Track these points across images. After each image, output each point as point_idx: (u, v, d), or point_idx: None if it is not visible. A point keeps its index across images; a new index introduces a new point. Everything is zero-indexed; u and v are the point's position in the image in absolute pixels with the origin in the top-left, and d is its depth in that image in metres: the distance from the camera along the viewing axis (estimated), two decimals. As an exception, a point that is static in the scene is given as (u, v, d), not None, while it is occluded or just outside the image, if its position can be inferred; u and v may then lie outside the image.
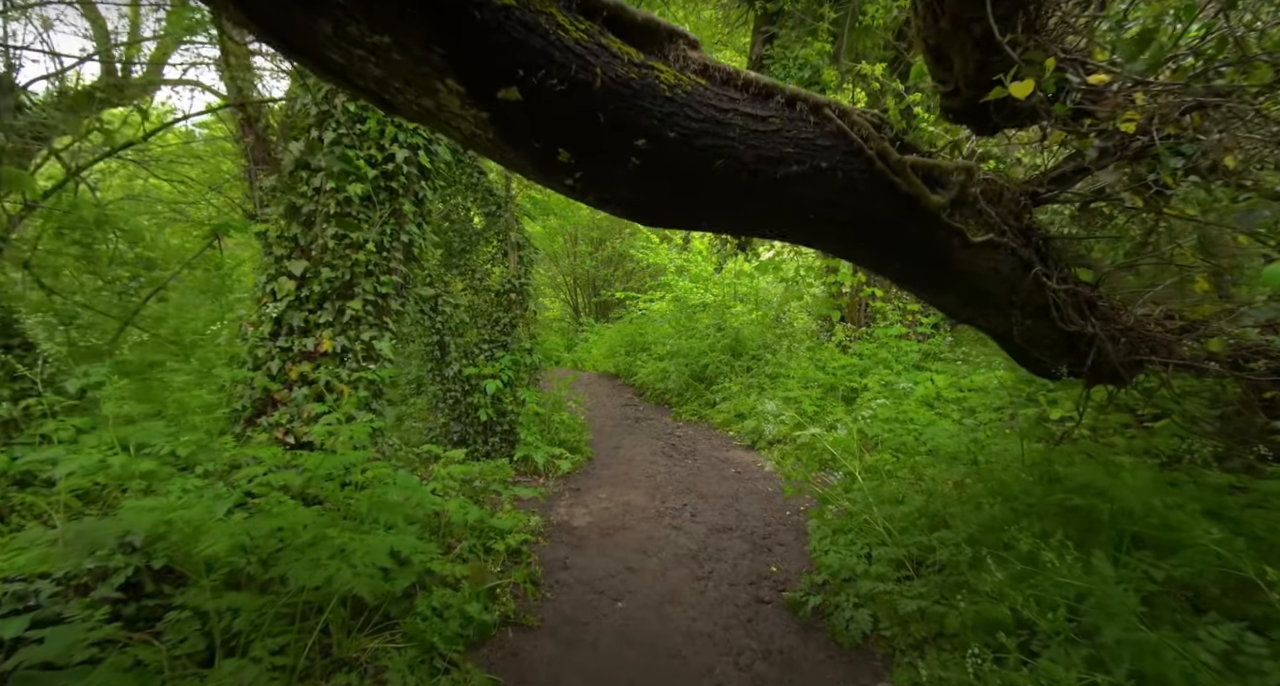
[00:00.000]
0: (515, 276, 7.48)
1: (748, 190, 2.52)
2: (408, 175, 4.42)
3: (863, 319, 9.81)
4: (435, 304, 6.98)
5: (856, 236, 3.00)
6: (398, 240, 4.42)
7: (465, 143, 2.18)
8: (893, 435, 6.08)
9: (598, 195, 2.38)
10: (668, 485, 7.43)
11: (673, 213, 2.61)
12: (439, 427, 7.45)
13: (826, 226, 2.87)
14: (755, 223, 2.80)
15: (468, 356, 7.43)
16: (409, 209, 4.44)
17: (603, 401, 11.75)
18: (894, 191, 2.81)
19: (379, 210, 4.30)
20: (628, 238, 18.50)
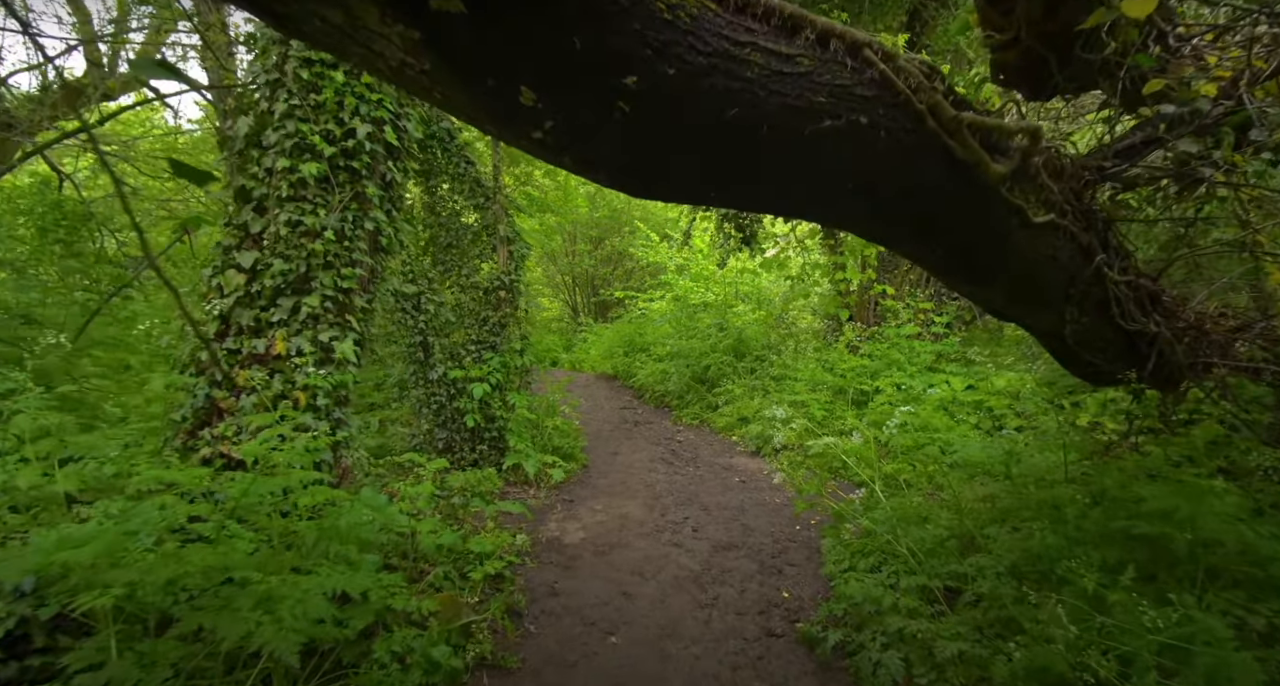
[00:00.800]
0: (505, 273, 6.92)
1: (769, 151, 1.95)
2: (371, 154, 3.85)
3: (872, 318, 9.25)
4: (418, 302, 6.42)
5: (897, 214, 2.43)
6: (361, 228, 3.85)
7: (393, 77, 1.61)
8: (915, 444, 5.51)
9: (576, 154, 1.81)
10: (668, 495, 6.86)
11: (672, 179, 2.04)
12: (423, 434, 6.88)
13: (863, 202, 2.30)
14: (777, 195, 2.23)
15: (453, 358, 6.86)
16: (373, 192, 3.87)
17: (600, 404, 11.18)
18: (946, 157, 2.24)
19: (338, 194, 3.74)
20: (626, 236, 17.94)
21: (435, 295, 6.56)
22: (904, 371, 7.91)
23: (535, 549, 5.29)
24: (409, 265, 6.38)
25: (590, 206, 18.02)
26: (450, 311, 6.70)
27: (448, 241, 7.10)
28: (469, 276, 6.98)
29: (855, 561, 4.41)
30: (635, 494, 6.91)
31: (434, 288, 6.61)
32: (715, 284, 12.59)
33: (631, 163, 1.84)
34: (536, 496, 6.63)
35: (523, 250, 7.04)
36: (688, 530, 5.91)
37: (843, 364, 8.39)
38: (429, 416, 6.81)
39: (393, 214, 4.21)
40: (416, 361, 6.61)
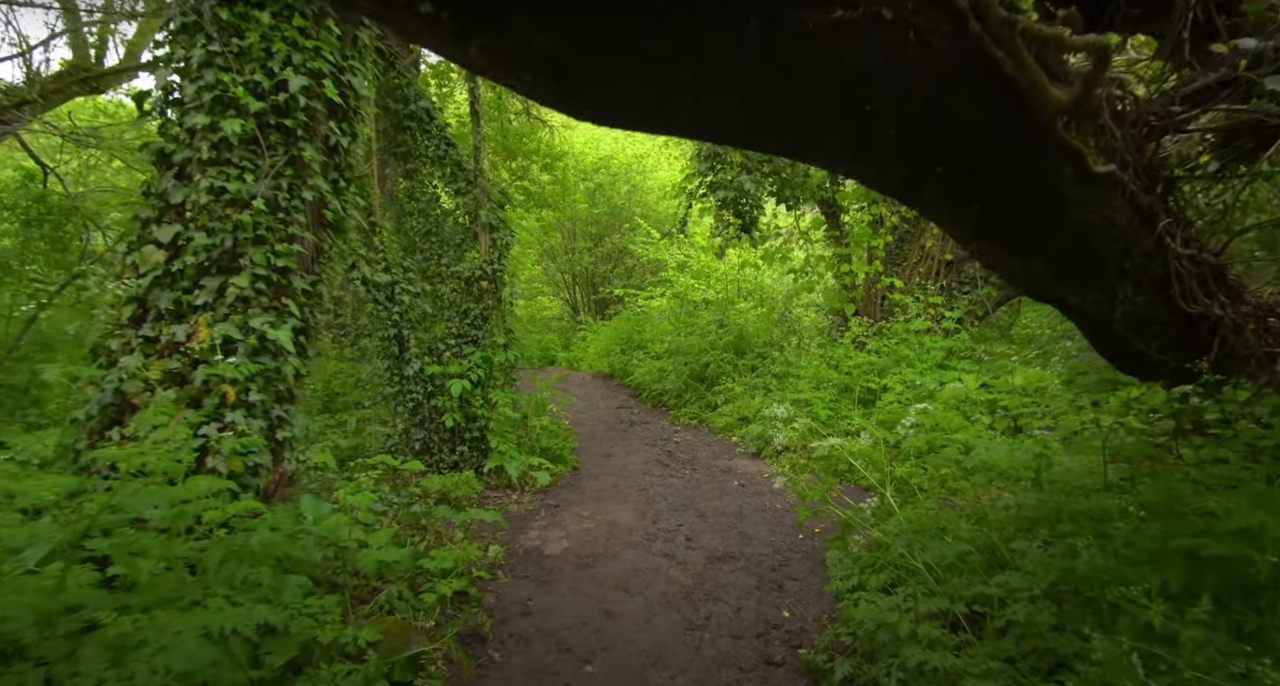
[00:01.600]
0: (487, 262, 6.40)
1: (757, 47, 1.41)
2: (308, 111, 3.32)
3: (879, 313, 8.69)
4: (391, 292, 5.90)
5: (925, 152, 1.88)
6: (299, 198, 3.33)
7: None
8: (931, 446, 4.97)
9: (484, 43, 1.28)
10: (661, 500, 6.32)
11: (617, 83, 1.49)
12: (398, 435, 6.36)
13: (882, 132, 1.76)
14: (766, 117, 1.69)
15: (432, 353, 6.34)
16: (312, 157, 3.34)
17: (595, 403, 10.65)
18: (992, 74, 1.70)
19: (269, 157, 3.22)
20: (627, 233, 17.40)
21: (411, 285, 6.04)
22: (914, 368, 7.35)
23: (511, 561, 4.75)
24: (382, 252, 5.86)
25: (590, 203, 17.51)
26: (428, 303, 6.18)
27: (426, 228, 6.58)
28: (449, 266, 6.46)
29: (865, 577, 3.86)
30: (626, 498, 6.37)
31: (410, 277, 6.09)
32: (716, 281, 12.06)
33: (563, 54, 1.30)
34: (519, 501, 6.10)
35: (507, 238, 6.52)
36: (681, 539, 5.37)
37: (848, 361, 7.83)
38: (405, 415, 6.29)
39: (340, 185, 3.68)
40: (391, 356, 6.09)
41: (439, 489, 5.58)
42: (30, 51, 11.65)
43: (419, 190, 6.55)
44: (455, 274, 6.38)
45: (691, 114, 1.68)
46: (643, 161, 18.01)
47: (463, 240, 6.58)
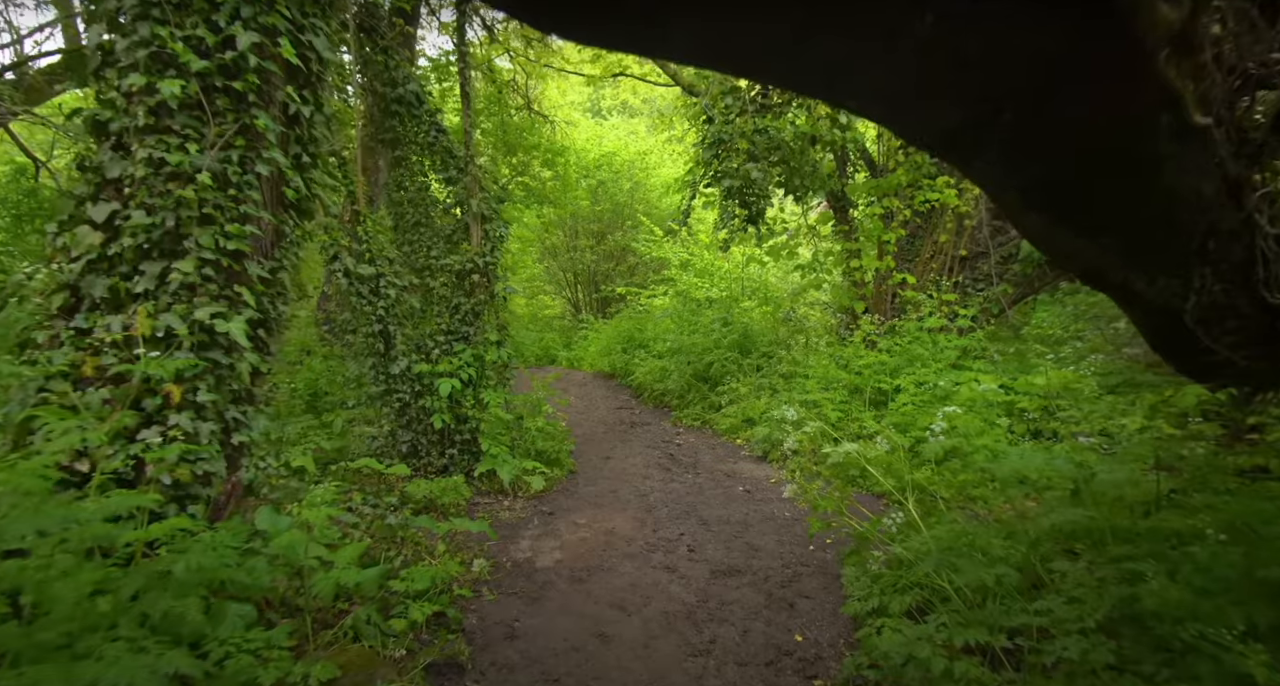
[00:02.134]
0: (479, 254, 6.00)
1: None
2: (261, 73, 2.91)
3: (890, 311, 8.27)
4: (376, 285, 5.50)
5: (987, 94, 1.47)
6: (252, 173, 2.93)
7: None
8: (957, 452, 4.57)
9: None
10: (662, 507, 5.92)
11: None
12: (384, 437, 5.96)
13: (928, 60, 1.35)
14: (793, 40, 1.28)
15: (420, 350, 5.94)
16: (266, 126, 2.93)
17: (595, 404, 10.25)
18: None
19: (216, 125, 2.83)
20: (629, 231, 16.99)
21: (398, 278, 5.65)
22: (928, 368, 6.93)
23: (498, 575, 4.34)
24: (366, 243, 5.47)
25: (592, 200, 17.11)
26: (416, 297, 5.79)
27: (415, 219, 6.19)
28: (438, 258, 6.06)
29: (886, 599, 3.44)
30: (626, 505, 5.97)
31: (396, 270, 5.70)
32: (720, 279, 11.66)
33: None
34: (511, 508, 5.70)
35: (500, 229, 6.12)
36: (683, 550, 4.97)
37: (859, 360, 7.42)
38: (391, 416, 5.90)
39: (304, 161, 3.28)
40: (376, 353, 5.70)
41: (424, 495, 5.19)
42: (21, 41, 11.32)
43: (407, 179, 6.16)
44: (445, 267, 5.98)
45: (700, 37, 1.27)
46: (645, 158, 17.61)
47: (453, 232, 6.18)
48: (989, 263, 8.25)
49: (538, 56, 14.55)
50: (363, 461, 5.15)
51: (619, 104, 29.24)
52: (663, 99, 19.10)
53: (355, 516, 3.76)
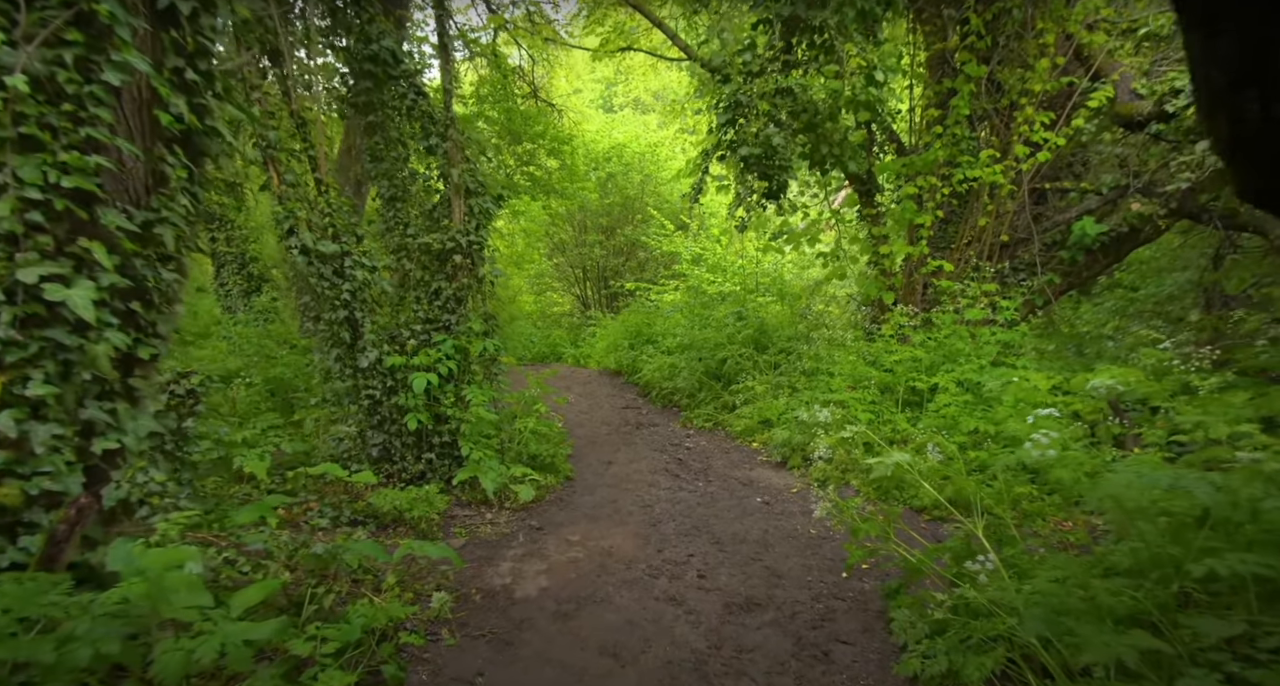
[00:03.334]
0: (462, 232, 5.18)
1: None
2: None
3: (921, 302, 7.37)
4: (340, 266, 4.70)
5: None
6: (99, 82, 2.13)
7: None
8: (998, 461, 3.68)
9: None
10: (668, 520, 5.07)
11: None
12: (352, 438, 5.15)
13: None
14: None
15: (394, 341, 5.13)
16: (112, 14, 2.10)
17: (599, 403, 9.40)
18: None
19: (35, 9, 2.01)
20: (639, 225, 16.15)
21: (366, 258, 4.84)
22: (970, 365, 6.02)
23: (464, 611, 3.50)
24: (329, 216, 4.66)
25: (601, 194, 16.28)
26: (388, 280, 4.98)
27: (391, 193, 5.38)
28: (414, 237, 5.25)
29: (958, 660, 2.57)
30: (627, 518, 5.12)
31: (365, 248, 4.88)
32: (733, 275, 10.79)
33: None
34: (494, 522, 4.86)
35: (487, 205, 5.30)
36: (692, 575, 4.12)
37: (889, 356, 6.53)
38: (360, 415, 5.09)
39: (188, 76, 2.45)
40: (341, 344, 4.89)
41: (392, 506, 4.37)
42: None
43: (383, 148, 5.35)
44: (423, 247, 5.17)
45: None
46: (656, 151, 16.75)
47: (434, 207, 5.36)
48: (1032, 249, 7.33)
49: (545, 41, 13.76)
50: (323, 467, 4.37)
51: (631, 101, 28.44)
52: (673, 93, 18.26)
53: (275, 543, 2.93)
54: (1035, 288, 7.11)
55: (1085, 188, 6.98)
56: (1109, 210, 7.24)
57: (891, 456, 3.22)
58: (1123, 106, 6.27)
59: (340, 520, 4.39)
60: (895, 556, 3.31)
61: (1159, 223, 6.24)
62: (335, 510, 4.43)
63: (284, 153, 4.45)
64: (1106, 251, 7.04)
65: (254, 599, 2.39)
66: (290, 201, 4.47)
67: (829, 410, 3.65)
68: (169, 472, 3.72)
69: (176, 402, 3.70)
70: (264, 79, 4.35)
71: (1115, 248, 7.14)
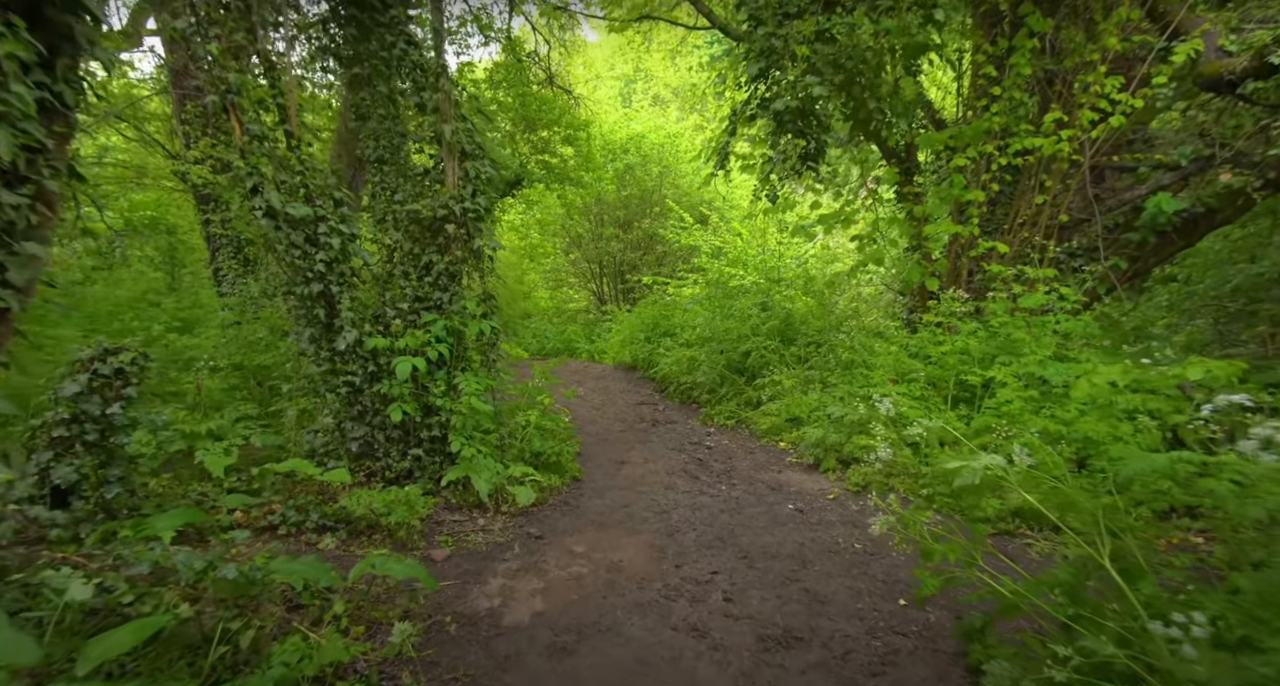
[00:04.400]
0: (456, 199, 4.48)
1: None
2: None
3: (966, 289, 6.54)
4: (314, 233, 4.02)
5: None
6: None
7: None
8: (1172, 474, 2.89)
9: None
10: (688, 529, 4.33)
11: None
12: (328, 431, 4.46)
13: None
14: None
15: (378, 321, 4.44)
16: None
17: (613, 398, 8.67)
18: None
19: None
20: (657, 217, 15.41)
21: (345, 225, 4.15)
22: (1028, 358, 5.20)
23: (434, 644, 2.78)
24: (301, 174, 3.98)
25: (618, 186, 15.57)
26: (369, 251, 4.29)
27: (378, 155, 4.69)
28: (402, 204, 4.56)
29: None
30: (640, 525, 4.39)
31: (345, 214, 4.20)
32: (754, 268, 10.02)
33: None
34: (487, 529, 4.14)
35: (485, 170, 4.59)
36: (717, 598, 3.38)
37: (936, 347, 5.72)
38: (337, 405, 4.40)
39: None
40: (315, 323, 4.21)
41: (365, 510, 3.67)
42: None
43: (370, 105, 4.67)
44: (412, 214, 4.47)
45: None
46: (676, 142, 16.00)
47: (426, 171, 4.67)
48: (1091, 230, 6.48)
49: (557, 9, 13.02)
50: (291, 463, 3.68)
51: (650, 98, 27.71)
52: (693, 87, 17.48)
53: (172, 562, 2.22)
54: (1099, 274, 6.26)
55: (1160, 160, 6.11)
56: (1180, 186, 6.38)
57: (979, 459, 2.45)
58: (1208, 65, 5.42)
59: (306, 525, 3.69)
60: (975, 582, 2.54)
61: (1253, 195, 5.37)
62: (301, 514, 3.74)
63: (247, 99, 3.78)
64: (1181, 233, 6.17)
65: (121, 645, 1.69)
66: (254, 156, 3.79)
67: (889, 401, 2.87)
68: (92, 468, 3.04)
69: (101, 384, 3.03)
70: (223, 10, 3.67)
71: (1189, 229, 6.27)
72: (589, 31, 22.68)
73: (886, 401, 2.79)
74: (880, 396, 3.31)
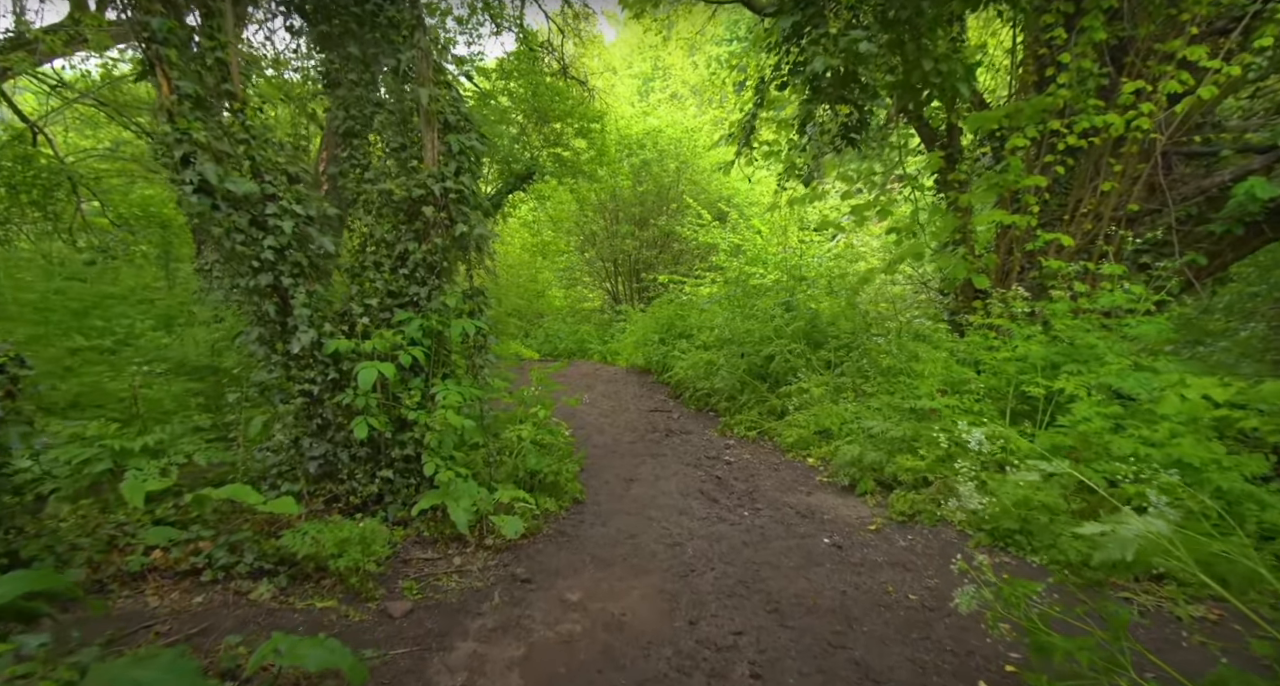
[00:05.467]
0: (436, 177, 3.74)
1: None
2: None
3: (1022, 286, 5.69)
4: (261, 214, 3.30)
5: None
6: None
7: None
8: None
9: None
10: (705, 569, 3.56)
11: None
12: (283, 448, 3.73)
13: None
14: None
15: (343, 319, 3.72)
16: None
17: (624, 404, 7.90)
18: None
19: None
20: (674, 214, 14.61)
21: (300, 205, 3.43)
22: (1111, 366, 4.34)
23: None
24: (246, 143, 3.27)
25: (634, 181, 14.80)
26: (329, 236, 3.57)
27: (348, 126, 3.97)
28: (374, 181, 3.83)
29: None
30: (649, 562, 3.62)
31: (302, 193, 3.47)
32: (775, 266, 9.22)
33: None
34: (465, 569, 3.39)
35: (472, 144, 3.84)
36: (741, 674, 2.61)
37: (989, 354, 4.89)
38: (292, 419, 3.67)
39: None
40: (265, 321, 3.49)
41: (309, 551, 2.94)
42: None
43: (339, 68, 3.94)
44: (385, 195, 3.74)
45: None
46: (694, 137, 15.18)
47: (403, 145, 3.93)
48: (1163, 221, 5.59)
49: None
50: (229, 489, 2.98)
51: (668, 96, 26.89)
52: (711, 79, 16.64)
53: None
54: (1172, 270, 5.37)
55: (1252, 141, 5.21)
56: (1267, 171, 5.47)
57: (1128, 521, 1.65)
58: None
59: (237, 569, 2.97)
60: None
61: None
62: (234, 553, 3.02)
63: (175, 51, 3.06)
64: (1272, 223, 5.27)
65: None
66: (185, 120, 3.07)
67: (981, 433, 2.07)
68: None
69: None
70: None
71: (1277, 220, 5.36)
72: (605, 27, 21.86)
73: (978, 434, 1.98)
74: (967, 426, 2.50)
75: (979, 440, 2.00)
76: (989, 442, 2.76)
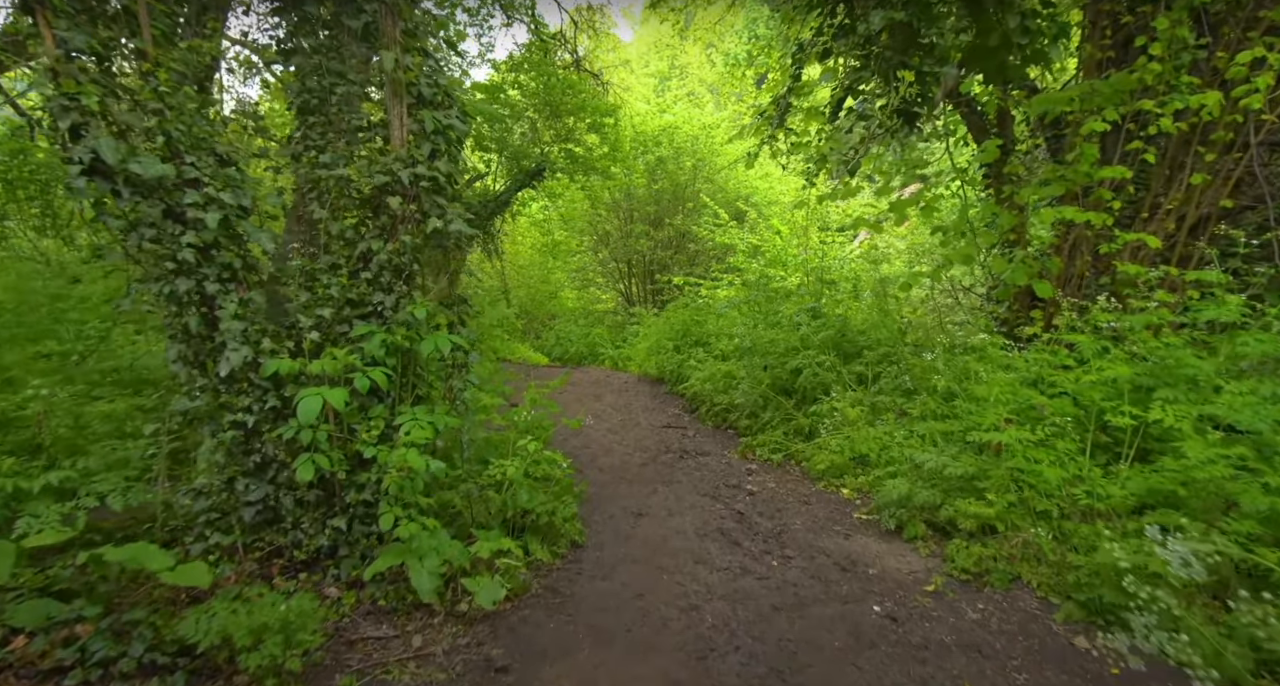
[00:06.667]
0: (404, 162, 2.99)
1: None
2: None
3: (1081, 294, 4.85)
4: (178, 204, 2.57)
5: None
6: None
7: None
8: None
9: None
10: (727, 648, 2.80)
11: None
12: (213, 492, 3.00)
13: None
14: None
15: (288, 334, 2.99)
16: None
17: (634, 418, 7.12)
18: None
19: None
20: (690, 214, 13.81)
21: (230, 194, 2.70)
22: (1230, 396, 3.49)
23: None
24: (157, 114, 2.54)
25: (649, 179, 14.03)
26: (268, 233, 2.84)
27: (303, 101, 3.24)
28: (330, 166, 3.09)
29: None
30: (657, 637, 2.86)
31: (233, 177, 2.74)
32: (796, 268, 8.42)
33: None
34: (425, 652, 2.64)
35: (450, 121, 3.09)
36: None
37: (1061, 373, 4.06)
38: (224, 457, 2.94)
39: None
40: (185, 337, 2.76)
41: (217, 639, 2.20)
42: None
43: (294, 32, 3.21)
44: (342, 183, 3.00)
45: None
46: (711, 134, 14.36)
47: (368, 126, 3.19)
48: (1260, 219, 4.72)
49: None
50: (131, 549, 2.30)
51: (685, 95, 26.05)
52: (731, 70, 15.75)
53: None
54: (1273, 276, 4.50)
55: (1377, 123, 4.32)
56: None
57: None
58: None
59: (120, 666, 2.23)
60: None
61: None
62: (119, 642, 2.29)
63: None
64: (1395, 223, 4.38)
65: None
66: (72, 81, 2.35)
67: (1185, 548, 1.27)
68: None
69: None
70: None
71: (1396, 220, 4.48)
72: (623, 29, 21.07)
73: (1181, 548, 1.20)
74: (1180, 542, 1.68)
75: (1183, 555, 1.21)
76: (1201, 557, 1.84)
